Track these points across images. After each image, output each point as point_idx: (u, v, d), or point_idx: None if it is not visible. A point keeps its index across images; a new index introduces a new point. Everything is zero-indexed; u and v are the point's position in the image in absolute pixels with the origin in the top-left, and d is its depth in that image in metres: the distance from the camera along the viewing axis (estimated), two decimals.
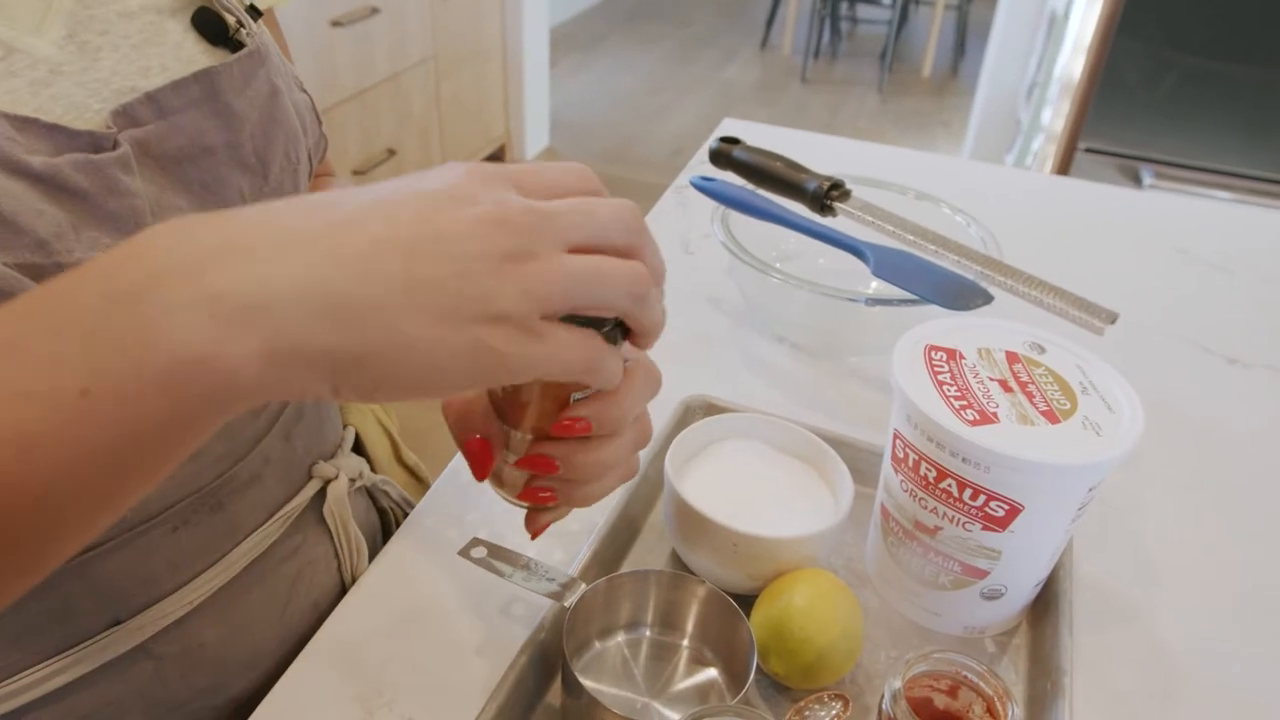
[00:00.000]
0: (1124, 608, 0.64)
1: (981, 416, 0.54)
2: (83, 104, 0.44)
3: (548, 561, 0.59)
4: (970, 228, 0.88)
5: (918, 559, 0.59)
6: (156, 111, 0.45)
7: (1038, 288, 0.71)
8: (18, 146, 0.40)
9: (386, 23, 2.58)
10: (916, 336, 0.60)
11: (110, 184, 0.42)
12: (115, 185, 0.43)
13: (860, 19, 5.53)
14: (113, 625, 0.49)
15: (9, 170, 0.39)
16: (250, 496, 0.55)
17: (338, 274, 0.29)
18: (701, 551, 0.60)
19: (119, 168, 0.43)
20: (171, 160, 0.46)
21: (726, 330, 0.91)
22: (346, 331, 0.29)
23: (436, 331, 0.30)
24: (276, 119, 0.52)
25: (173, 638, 0.52)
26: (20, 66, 0.42)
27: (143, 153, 0.45)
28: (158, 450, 0.28)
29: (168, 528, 0.50)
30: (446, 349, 0.30)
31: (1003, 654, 0.60)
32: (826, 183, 0.81)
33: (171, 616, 0.52)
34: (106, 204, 0.42)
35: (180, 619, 0.52)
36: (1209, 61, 2.05)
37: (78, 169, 0.41)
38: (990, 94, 3.23)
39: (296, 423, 0.59)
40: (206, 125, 0.48)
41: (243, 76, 0.50)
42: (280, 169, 0.53)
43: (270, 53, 0.53)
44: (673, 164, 3.64)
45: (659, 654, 0.57)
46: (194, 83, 0.47)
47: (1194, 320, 0.97)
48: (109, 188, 0.42)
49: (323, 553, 0.62)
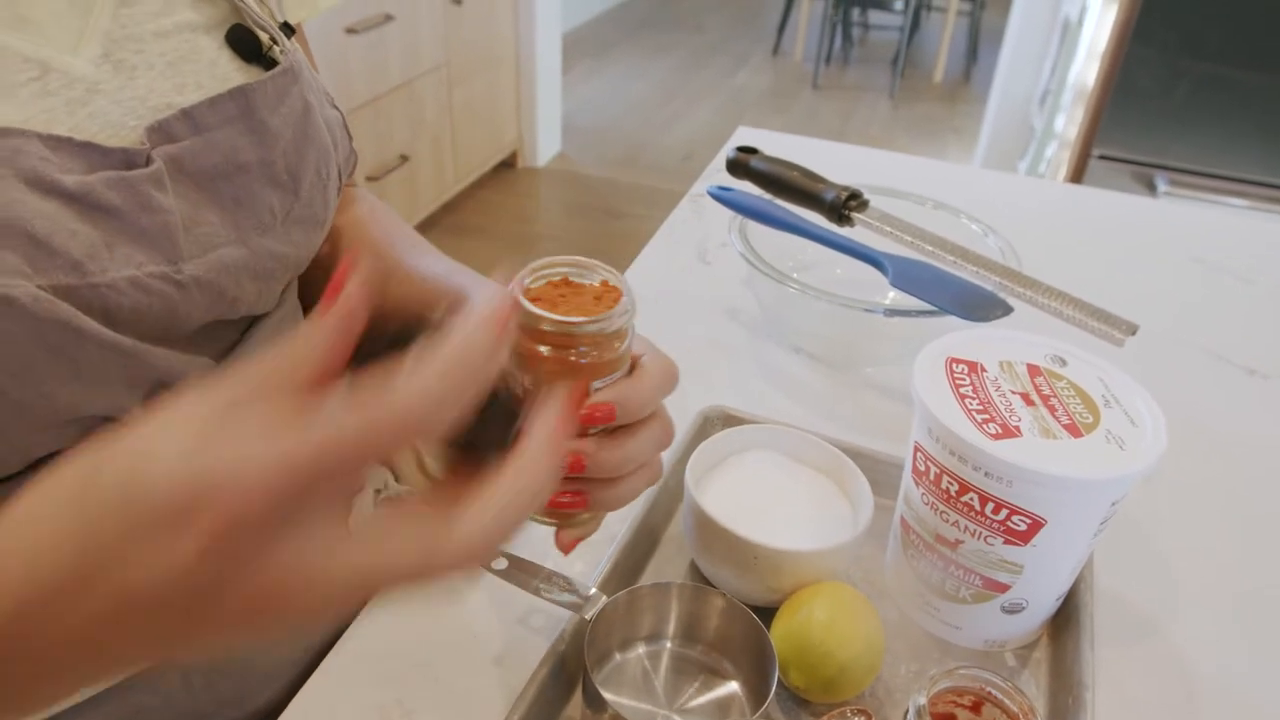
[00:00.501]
0: (1145, 621, 0.64)
1: (1004, 430, 0.53)
2: (119, 122, 0.44)
3: (568, 573, 0.59)
4: (988, 238, 0.88)
5: (938, 572, 0.59)
6: (192, 128, 0.46)
7: (1057, 299, 0.70)
8: (51, 166, 0.40)
9: (400, 30, 2.60)
10: (938, 349, 0.60)
11: (143, 200, 0.43)
12: (148, 202, 0.43)
13: (872, 25, 5.53)
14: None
15: (43, 190, 0.39)
16: None
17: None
18: (721, 563, 0.60)
19: (152, 184, 0.43)
20: (205, 176, 0.46)
21: (744, 340, 0.91)
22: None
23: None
24: (309, 136, 0.52)
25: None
26: (57, 86, 0.42)
27: (176, 169, 0.45)
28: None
29: None
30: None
31: (1023, 668, 0.60)
32: (844, 193, 0.81)
33: None
34: (139, 221, 0.43)
35: None
36: (1223, 68, 2.05)
37: (110, 186, 0.42)
38: (1003, 101, 3.23)
39: None
40: (241, 142, 0.48)
41: (277, 94, 0.50)
42: (311, 185, 0.53)
43: (303, 70, 0.53)
44: (684, 169, 3.65)
45: (680, 667, 0.57)
46: (229, 100, 0.48)
47: (1212, 330, 0.96)
48: (142, 204, 0.43)
49: None
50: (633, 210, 3.34)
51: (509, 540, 0.31)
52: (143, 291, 0.43)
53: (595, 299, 0.45)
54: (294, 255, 0.53)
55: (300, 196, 0.52)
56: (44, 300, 0.38)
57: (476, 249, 3.00)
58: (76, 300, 0.40)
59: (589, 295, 0.45)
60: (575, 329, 0.42)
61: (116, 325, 0.42)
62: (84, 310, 0.40)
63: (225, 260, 0.47)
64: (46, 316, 0.39)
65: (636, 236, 3.48)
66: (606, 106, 4.27)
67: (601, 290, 0.45)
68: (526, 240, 3.12)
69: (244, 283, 0.49)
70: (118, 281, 0.42)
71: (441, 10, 2.78)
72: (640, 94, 4.45)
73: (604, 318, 0.43)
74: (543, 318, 0.42)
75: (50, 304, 0.39)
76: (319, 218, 0.54)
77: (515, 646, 0.59)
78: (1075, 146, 2.30)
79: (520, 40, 3.32)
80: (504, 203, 3.34)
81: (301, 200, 0.52)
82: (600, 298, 0.45)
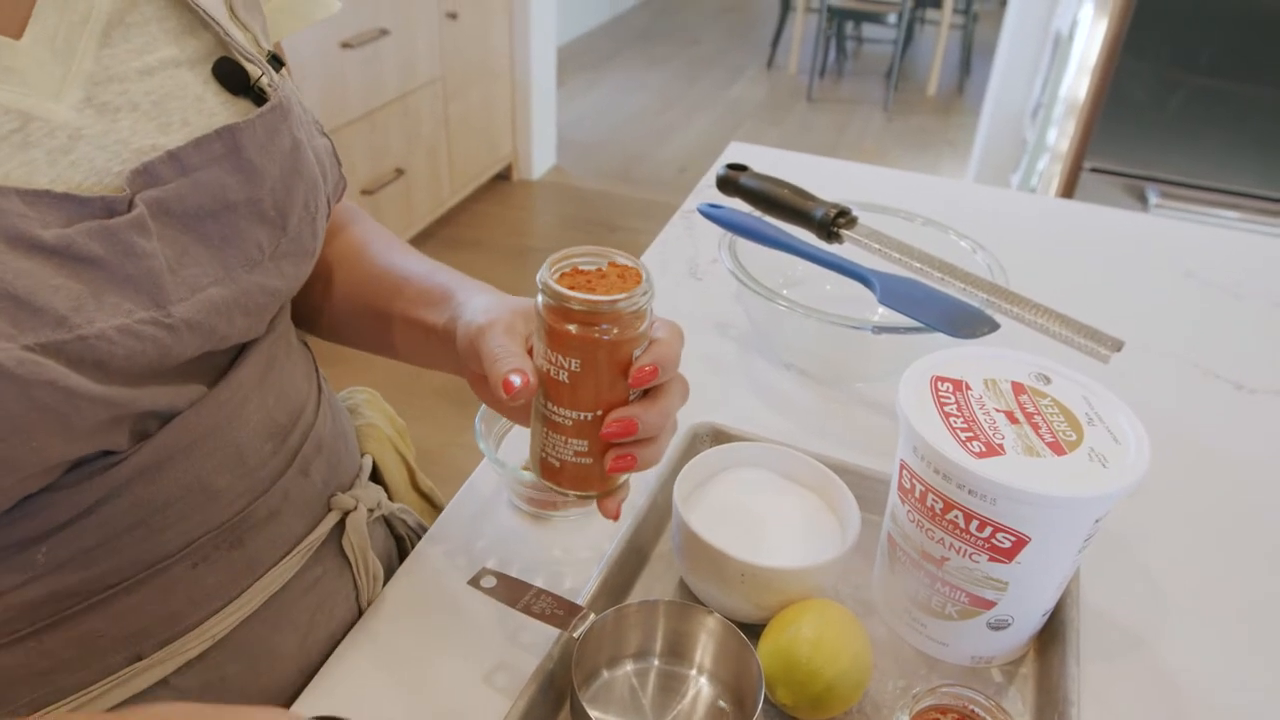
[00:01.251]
0: (1131, 637, 0.64)
1: (988, 448, 0.54)
2: (103, 168, 0.44)
3: (556, 590, 0.59)
4: (977, 254, 0.89)
5: (925, 589, 0.59)
6: (178, 169, 0.46)
7: (1044, 315, 0.71)
8: (30, 221, 0.40)
9: (395, 44, 2.61)
10: (923, 367, 0.60)
11: (126, 248, 0.43)
12: (131, 248, 0.43)
13: (866, 38, 5.56)
14: (134, 661, 0.50)
15: (23, 248, 0.39)
16: (269, 532, 0.55)
17: None
18: (709, 581, 0.60)
19: (135, 231, 0.43)
20: (191, 217, 0.46)
21: (734, 356, 0.91)
22: None
23: None
24: (298, 171, 0.52)
25: (194, 672, 0.52)
26: (38, 136, 0.42)
27: (161, 211, 0.45)
28: None
29: (187, 565, 0.51)
30: None
31: (1010, 684, 0.61)
32: (833, 210, 0.81)
33: (193, 652, 0.52)
34: (124, 268, 0.43)
35: (202, 654, 0.52)
36: (1215, 81, 2.06)
37: (91, 236, 0.42)
38: (995, 114, 3.24)
39: (315, 456, 0.59)
40: (228, 181, 0.48)
41: (266, 132, 0.50)
42: (299, 220, 0.53)
43: (293, 105, 0.53)
44: (679, 182, 3.66)
45: (667, 684, 0.58)
46: (217, 139, 0.47)
47: (1201, 345, 0.97)
48: (125, 251, 0.43)
49: (342, 584, 0.62)
50: (628, 223, 3.35)
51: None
52: (134, 338, 0.43)
53: (619, 277, 0.49)
54: (284, 287, 0.53)
55: (288, 231, 0.52)
56: (29, 362, 0.38)
57: (472, 262, 3.00)
58: (66, 355, 0.40)
59: (612, 277, 0.49)
60: (602, 306, 0.47)
61: (109, 374, 0.42)
62: (75, 363, 0.41)
63: (214, 299, 0.47)
64: (33, 378, 0.39)
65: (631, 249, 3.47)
66: (601, 119, 4.29)
67: (621, 272, 0.50)
68: (521, 253, 3.13)
69: (235, 319, 0.49)
70: (107, 331, 0.42)
71: (437, 24, 2.79)
72: (635, 107, 4.47)
73: (628, 295, 0.47)
74: (572, 297, 0.47)
75: (36, 365, 0.39)
76: (308, 249, 0.55)
77: (504, 664, 0.59)
78: (1067, 159, 2.31)
79: (515, 54, 3.33)
80: (499, 215, 3.34)
81: (289, 235, 0.52)
82: (623, 276, 0.49)
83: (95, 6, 0.45)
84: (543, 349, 0.49)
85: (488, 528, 0.70)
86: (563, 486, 0.53)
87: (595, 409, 0.50)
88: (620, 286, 0.48)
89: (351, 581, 0.63)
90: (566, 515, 0.71)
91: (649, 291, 0.48)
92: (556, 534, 0.70)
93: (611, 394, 0.50)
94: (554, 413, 0.50)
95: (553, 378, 0.49)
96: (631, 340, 0.48)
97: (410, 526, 0.72)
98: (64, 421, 0.41)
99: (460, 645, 0.61)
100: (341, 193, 0.62)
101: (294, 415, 0.57)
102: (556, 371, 0.49)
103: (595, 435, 0.50)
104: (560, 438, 0.51)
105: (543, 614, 0.56)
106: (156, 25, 0.48)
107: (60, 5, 0.44)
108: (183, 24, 0.49)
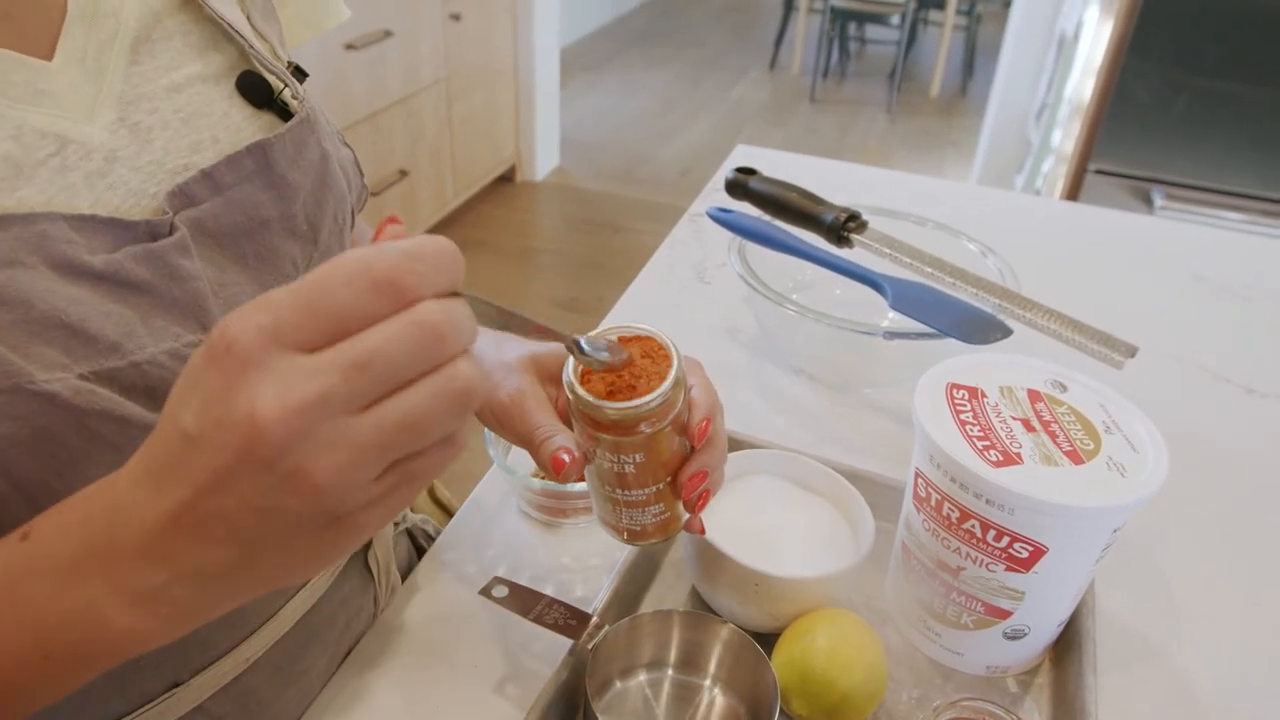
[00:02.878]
0: (1147, 645, 0.64)
1: (1005, 457, 0.53)
2: (139, 190, 0.43)
3: (567, 599, 0.59)
4: (987, 258, 0.88)
5: (940, 598, 0.59)
6: (212, 188, 0.45)
7: (1056, 321, 0.70)
8: (78, 247, 0.39)
9: (399, 46, 2.60)
10: (938, 374, 0.60)
11: (171, 270, 0.42)
12: (176, 271, 0.43)
13: (869, 39, 5.55)
14: (172, 688, 0.49)
15: (72, 275, 0.39)
16: None
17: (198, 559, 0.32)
18: (722, 590, 0.60)
19: (178, 253, 0.43)
20: (228, 236, 0.46)
21: (743, 361, 0.91)
22: (223, 593, 0.34)
23: (291, 559, 0.33)
24: (327, 184, 0.52)
25: (230, 695, 0.52)
26: (75, 160, 0.41)
27: (199, 232, 0.45)
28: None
29: None
30: (304, 571, 0.34)
31: (1025, 694, 0.60)
32: (843, 214, 0.81)
33: (229, 676, 0.51)
34: (170, 292, 0.42)
35: (237, 677, 0.52)
36: (1220, 82, 2.05)
37: (138, 261, 0.41)
38: (1000, 115, 3.24)
39: None
40: (261, 198, 0.48)
41: (295, 146, 0.50)
42: (329, 233, 0.52)
43: (319, 117, 0.53)
44: (682, 184, 3.65)
45: (681, 694, 0.57)
46: (248, 156, 0.47)
47: (1211, 348, 0.96)
48: (170, 275, 0.42)
49: (365, 598, 0.62)
50: (631, 224, 3.34)
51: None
52: (183, 363, 0.42)
53: (643, 355, 0.47)
54: None
55: (319, 245, 0.52)
56: (85, 391, 0.38)
57: (475, 262, 3.00)
58: (119, 382, 0.40)
59: (635, 355, 0.47)
60: (653, 403, 0.45)
61: (157, 400, 0.42)
62: (127, 390, 0.40)
63: None
64: (89, 408, 0.38)
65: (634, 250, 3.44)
66: (604, 120, 4.28)
67: (643, 346, 0.47)
68: (525, 254, 3.12)
69: None
70: (158, 356, 0.41)
71: (441, 26, 2.79)
72: (638, 108, 4.46)
73: (674, 379, 0.46)
74: (626, 409, 0.45)
75: (91, 394, 0.38)
76: None
77: (516, 674, 0.59)
78: (1072, 161, 2.30)
79: (519, 55, 3.33)
80: (503, 216, 3.34)
81: (320, 249, 0.52)
82: (647, 353, 0.47)
83: (122, 23, 0.45)
84: (602, 453, 0.48)
85: (497, 535, 0.70)
86: (650, 540, 0.53)
87: (666, 477, 0.49)
88: (652, 369, 0.46)
89: (374, 595, 0.62)
90: (576, 522, 0.70)
91: (678, 355, 0.47)
92: (566, 541, 0.70)
93: (677, 458, 0.49)
94: (627, 496, 0.50)
95: (618, 472, 0.48)
96: (682, 408, 0.48)
97: (431, 536, 0.71)
98: (117, 451, 0.40)
99: (471, 655, 0.60)
100: (364, 202, 0.62)
101: None
102: (621, 467, 0.48)
103: (670, 495, 0.50)
104: (637, 510, 0.51)
105: (555, 624, 0.56)
106: (180, 40, 0.47)
107: (88, 23, 0.43)
108: (205, 39, 0.49)
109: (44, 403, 0.37)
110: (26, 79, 0.41)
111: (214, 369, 0.29)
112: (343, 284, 0.29)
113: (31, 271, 0.38)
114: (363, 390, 0.29)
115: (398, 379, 0.30)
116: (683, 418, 0.48)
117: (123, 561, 0.32)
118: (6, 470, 0.37)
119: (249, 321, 0.29)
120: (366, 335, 0.29)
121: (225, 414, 0.29)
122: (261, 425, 0.28)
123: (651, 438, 0.47)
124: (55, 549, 0.34)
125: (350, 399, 0.29)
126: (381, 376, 0.30)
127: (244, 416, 0.28)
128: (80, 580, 0.33)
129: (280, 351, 0.29)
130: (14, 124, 0.40)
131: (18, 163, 0.39)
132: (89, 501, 0.34)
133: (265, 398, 0.28)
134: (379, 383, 0.30)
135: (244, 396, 0.28)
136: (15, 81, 0.40)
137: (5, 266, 0.37)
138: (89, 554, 0.33)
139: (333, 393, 0.29)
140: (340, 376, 0.29)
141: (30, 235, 0.38)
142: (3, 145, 0.39)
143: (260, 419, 0.28)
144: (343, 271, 0.30)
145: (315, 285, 0.29)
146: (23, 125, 0.40)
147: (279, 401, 0.28)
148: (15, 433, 0.36)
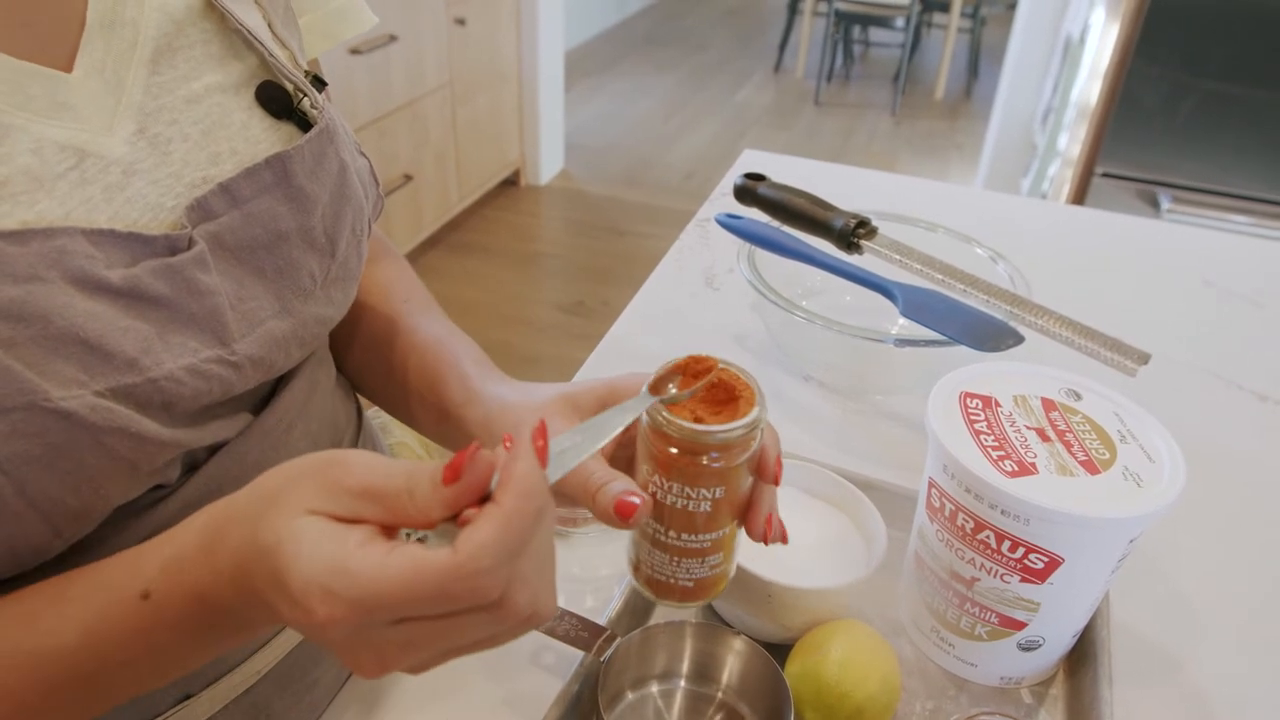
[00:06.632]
0: (1163, 656, 0.63)
1: (1020, 467, 0.53)
2: (157, 203, 0.43)
3: (577, 609, 0.58)
4: (998, 265, 0.88)
5: (954, 609, 0.58)
6: (230, 201, 0.45)
7: (1069, 328, 0.70)
8: (96, 262, 0.39)
9: (404, 50, 2.60)
10: (951, 383, 0.59)
11: (190, 285, 0.42)
12: (194, 286, 0.42)
13: (873, 42, 5.54)
14: (183, 701, 0.49)
15: (90, 290, 0.39)
16: None
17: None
18: (734, 601, 0.59)
19: (197, 267, 0.43)
20: (246, 250, 0.46)
21: (753, 368, 0.90)
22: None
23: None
24: (345, 195, 0.51)
25: (240, 707, 0.51)
26: (94, 173, 0.41)
27: (217, 245, 0.44)
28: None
29: None
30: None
31: (1039, 705, 0.60)
32: (853, 220, 0.81)
33: (239, 688, 0.51)
34: (188, 307, 0.42)
35: (247, 689, 0.51)
36: (1227, 85, 2.05)
37: (156, 276, 0.41)
38: (1005, 118, 3.23)
39: None
40: (280, 210, 0.47)
41: (314, 157, 0.49)
42: (347, 244, 0.52)
43: (338, 128, 0.52)
44: (686, 187, 3.65)
45: (693, 706, 0.57)
46: (266, 168, 0.47)
47: (1223, 355, 0.96)
48: (189, 290, 0.42)
49: None
50: (635, 228, 3.34)
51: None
52: (201, 378, 0.42)
53: (714, 385, 0.47)
54: (334, 315, 0.53)
55: (337, 257, 0.51)
56: (101, 409, 0.38)
57: (479, 267, 3.00)
58: (135, 399, 0.39)
59: (707, 383, 0.47)
60: (738, 430, 0.44)
61: (174, 416, 0.42)
62: (143, 407, 0.40)
63: (274, 333, 0.47)
64: (105, 425, 0.38)
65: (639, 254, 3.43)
66: (609, 124, 4.28)
67: (717, 376, 0.47)
68: (529, 258, 3.12)
69: (292, 351, 0.49)
70: (175, 372, 0.41)
71: (445, 30, 2.79)
72: (642, 112, 4.46)
73: (760, 405, 0.45)
74: (715, 432, 0.44)
75: (108, 411, 0.38)
76: (354, 273, 0.54)
77: (527, 685, 0.59)
78: (1078, 164, 2.30)
79: (523, 59, 3.33)
80: (507, 220, 3.34)
81: (338, 261, 0.51)
82: (718, 383, 0.47)
83: (142, 33, 0.44)
84: (675, 492, 0.46)
85: None
86: (697, 600, 0.50)
87: (733, 519, 0.48)
88: (727, 398, 0.46)
89: None
90: (586, 532, 0.70)
91: (754, 380, 0.47)
92: (575, 551, 0.69)
93: (744, 500, 0.48)
94: (690, 542, 0.47)
95: (690, 511, 0.46)
96: (761, 439, 0.46)
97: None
98: (132, 467, 0.40)
99: (481, 667, 0.60)
100: (379, 212, 0.61)
101: (337, 439, 0.57)
102: (697, 505, 0.46)
103: (732, 543, 0.49)
104: (695, 561, 0.48)
105: (566, 636, 0.55)
106: (201, 49, 0.47)
107: (107, 33, 0.43)
108: (225, 48, 0.48)
109: (60, 420, 0.36)
110: (47, 91, 0.40)
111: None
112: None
113: (50, 286, 0.37)
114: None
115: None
116: (762, 449, 0.46)
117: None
118: (22, 488, 0.36)
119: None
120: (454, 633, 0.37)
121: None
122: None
123: (730, 471, 0.45)
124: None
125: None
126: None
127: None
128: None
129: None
130: (34, 138, 0.39)
131: (37, 176, 0.39)
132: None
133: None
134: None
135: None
136: (35, 95, 0.40)
137: (24, 282, 0.37)
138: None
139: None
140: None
141: (49, 250, 0.38)
142: (22, 159, 0.39)
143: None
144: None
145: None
146: (42, 139, 0.40)
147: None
148: (30, 450, 0.36)
